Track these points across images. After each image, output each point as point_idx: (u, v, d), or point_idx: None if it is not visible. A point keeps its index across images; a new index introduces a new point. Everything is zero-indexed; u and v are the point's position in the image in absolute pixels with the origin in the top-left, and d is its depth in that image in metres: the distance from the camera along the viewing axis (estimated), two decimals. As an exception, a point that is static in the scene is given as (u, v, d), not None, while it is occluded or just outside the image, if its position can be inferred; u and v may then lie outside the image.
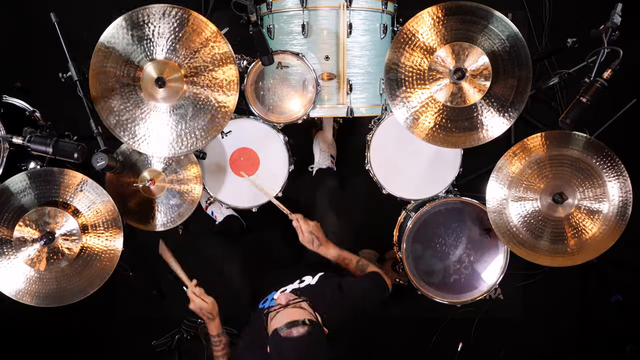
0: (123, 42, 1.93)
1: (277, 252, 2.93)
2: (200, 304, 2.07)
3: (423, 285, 2.40)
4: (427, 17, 1.99)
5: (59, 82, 2.19)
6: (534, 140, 2.12)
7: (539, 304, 3.05)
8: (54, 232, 2.03)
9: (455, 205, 2.41)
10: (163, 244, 2.22)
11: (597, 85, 1.96)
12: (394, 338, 3.06)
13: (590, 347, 3.06)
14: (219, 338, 2.11)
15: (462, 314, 2.91)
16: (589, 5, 2.88)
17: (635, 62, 2.43)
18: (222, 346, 2.11)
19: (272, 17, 2.29)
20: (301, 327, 1.71)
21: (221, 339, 2.11)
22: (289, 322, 1.72)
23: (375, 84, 2.36)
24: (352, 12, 2.22)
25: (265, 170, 2.41)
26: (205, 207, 2.89)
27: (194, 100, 2.00)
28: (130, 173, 2.29)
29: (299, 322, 1.72)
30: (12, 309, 2.17)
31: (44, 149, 1.88)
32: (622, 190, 2.11)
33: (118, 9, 1.93)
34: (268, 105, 2.34)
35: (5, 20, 3.01)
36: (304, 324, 1.72)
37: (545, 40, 2.99)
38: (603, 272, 2.90)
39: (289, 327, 1.71)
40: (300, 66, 2.26)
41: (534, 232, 2.16)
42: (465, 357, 2.67)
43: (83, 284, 2.06)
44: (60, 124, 2.50)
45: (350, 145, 2.97)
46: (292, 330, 1.70)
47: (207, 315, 2.08)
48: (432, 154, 2.39)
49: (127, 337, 3.07)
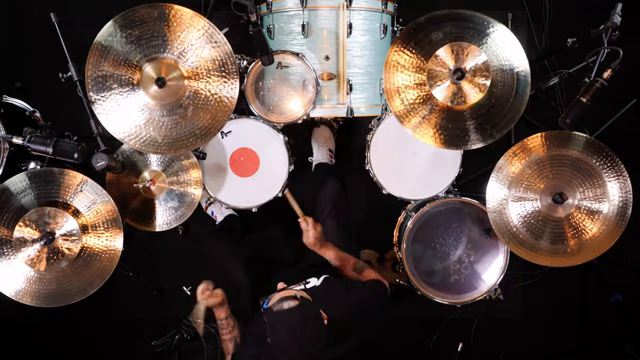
0: (119, 45, 1.93)
1: (277, 252, 2.94)
2: (212, 303, 2.06)
3: (423, 286, 2.40)
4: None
5: (59, 82, 2.19)
6: (534, 140, 2.12)
7: (539, 304, 3.05)
8: (54, 233, 2.03)
9: (455, 206, 2.41)
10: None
11: (597, 85, 1.97)
12: (394, 338, 3.05)
13: (590, 347, 3.06)
14: (226, 321, 2.10)
15: (462, 314, 2.91)
16: (589, 5, 2.88)
17: (635, 62, 2.43)
18: (229, 328, 2.10)
19: (272, 17, 2.29)
20: (292, 301, 1.76)
21: (229, 321, 2.10)
22: (281, 297, 1.78)
23: (375, 84, 2.36)
24: (352, 12, 2.22)
25: (266, 170, 2.41)
26: (205, 207, 2.89)
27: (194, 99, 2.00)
28: (131, 173, 2.30)
29: (291, 297, 1.77)
30: (12, 309, 2.17)
31: (44, 149, 1.88)
32: (622, 190, 2.11)
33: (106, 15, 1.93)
34: (268, 105, 2.34)
35: (5, 20, 3.01)
36: (295, 299, 1.76)
37: (545, 40, 2.99)
38: (603, 272, 2.90)
39: (280, 302, 1.76)
40: (300, 66, 2.26)
41: (534, 232, 2.16)
42: (465, 357, 2.68)
43: (83, 284, 2.06)
44: (60, 124, 2.50)
45: (350, 145, 2.96)
46: (283, 304, 1.75)
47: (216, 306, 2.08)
48: (432, 154, 2.39)
49: (127, 337, 3.07)
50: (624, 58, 1.97)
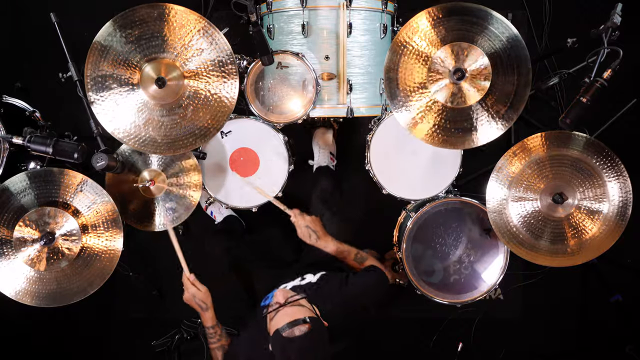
0: (118, 45, 1.93)
1: (277, 251, 2.93)
2: (194, 292, 2.08)
3: (423, 286, 2.40)
4: (424, 20, 1.99)
5: (59, 82, 2.19)
6: (534, 140, 2.12)
7: (539, 304, 3.05)
8: (54, 232, 2.03)
9: (455, 205, 2.41)
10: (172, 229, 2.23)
11: (597, 85, 1.96)
12: (394, 338, 3.06)
13: (590, 347, 3.06)
14: (213, 330, 2.10)
15: (462, 314, 2.91)
16: (589, 5, 2.88)
17: (635, 62, 2.43)
18: (217, 337, 2.11)
19: (272, 17, 2.29)
20: (302, 326, 1.71)
21: (216, 330, 2.11)
22: (290, 322, 1.72)
23: (375, 84, 2.36)
24: (352, 12, 2.22)
25: (265, 170, 2.41)
26: (205, 207, 2.89)
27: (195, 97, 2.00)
28: (130, 173, 2.29)
29: (300, 321, 1.72)
30: (12, 309, 2.17)
31: (44, 149, 1.88)
32: (622, 190, 2.11)
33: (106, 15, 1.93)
34: (268, 105, 2.34)
35: (6, 20, 3.01)
36: (305, 322, 1.72)
37: (545, 40, 2.99)
38: (603, 272, 2.90)
39: (291, 326, 1.71)
40: (300, 66, 2.26)
41: (534, 232, 2.16)
42: (465, 357, 2.67)
43: (83, 284, 2.06)
44: (60, 124, 2.51)
45: (350, 145, 2.96)
46: (294, 330, 1.71)
47: (201, 305, 2.08)
48: (432, 154, 2.39)
49: (127, 337, 3.07)
50: (624, 58, 1.96)
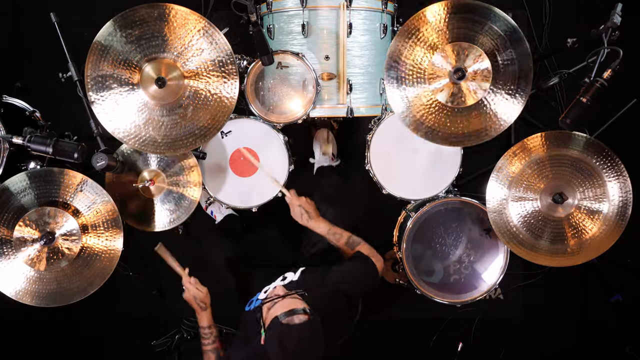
0: (118, 45, 1.93)
1: (277, 251, 2.94)
2: (195, 293, 2.08)
3: (423, 285, 2.40)
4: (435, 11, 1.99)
5: (59, 82, 2.19)
6: (534, 140, 2.12)
7: (539, 304, 3.05)
8: (54, 232, 2.03)
9: (455, 205, 2.41)
10: (162, 244, 2.22)
11: (597, 85, 1.96)
12: (394, 338, 3.06)
13: (590, 347, 3.06)
14: (209, 330, 2.10)
15: (462, 314, 2.91)
16: (589, 5, 2.88)
17: (635, 62, 2.43)
18: (212, 339, 2.11)
19: (272, 17, 2.29)
20: (302, 315, 1.72)
21: (212, 331, 2.11)
22: (289, 310, 1.73)
23: (375, 84, 2.36)
24: (352, 12, 2.22)
25: (265, 170, 2.41)
26: (205, 207, 2.89)
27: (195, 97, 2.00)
28: (130, 173, 2.29)
29: (299, 310, 1.73)
30: (12, 309, 2.17)
31: (44, 149, 1.88)
32: (622, 190, 2.11)
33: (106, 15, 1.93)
34: (268, 105, 2.34)
35: (6, 20, 3.01)
36: (305, 312, 1.72)
37: (545, 40, 2.99)
38: (603, 272, 2.90)
39: (289, 314, 1.71)
40: (300, 66, 2.26)
41: (534, 232, 2.16)
42: (465, 357, 2.67)
43: (83, 284, 2.06)
44: (60, 124, 2.50)
45: (350, 145, 2.96)
46: (293, 317, 1.71)
47: (200, 305, 2.08)
48: (432, 154, 2.39)
49: (127, 337, 3.07)
50: (624, 58, 1.96)
